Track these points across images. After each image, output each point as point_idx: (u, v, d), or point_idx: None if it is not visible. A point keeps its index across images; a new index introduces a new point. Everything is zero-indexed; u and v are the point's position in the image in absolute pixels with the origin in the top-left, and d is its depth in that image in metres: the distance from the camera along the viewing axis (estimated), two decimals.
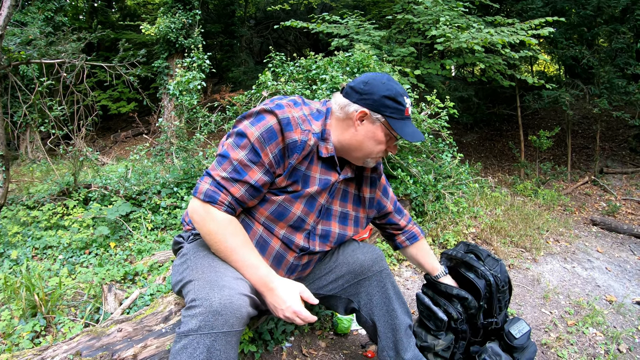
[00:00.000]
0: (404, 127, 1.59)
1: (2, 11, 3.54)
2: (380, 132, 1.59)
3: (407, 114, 1.60)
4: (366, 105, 1.56)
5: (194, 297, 1.35)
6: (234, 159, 1.48)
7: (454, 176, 4.41)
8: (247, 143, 1.48)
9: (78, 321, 2.41)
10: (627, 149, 9.89)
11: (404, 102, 1.58)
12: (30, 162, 9.19)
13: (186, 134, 5.10)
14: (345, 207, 1.79)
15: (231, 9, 14.65)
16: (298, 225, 1.62)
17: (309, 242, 1.67)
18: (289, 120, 1.49)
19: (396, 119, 1.58)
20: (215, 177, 1.48)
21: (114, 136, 12.77)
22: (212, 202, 1.46)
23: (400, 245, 2.08)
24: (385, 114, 1.56)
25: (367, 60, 4.39)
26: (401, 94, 1.58)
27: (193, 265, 1.55)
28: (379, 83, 1.58)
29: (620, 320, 3.04)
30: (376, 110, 1.56)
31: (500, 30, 5.95)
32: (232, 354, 1.34)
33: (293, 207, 1.58)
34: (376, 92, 1.56)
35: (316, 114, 1.63)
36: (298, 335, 2.42)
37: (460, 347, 2.08)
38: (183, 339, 1.30)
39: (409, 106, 1.62)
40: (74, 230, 3.70)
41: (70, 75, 5.78)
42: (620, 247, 4.87)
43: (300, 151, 1.52)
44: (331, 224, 1.74)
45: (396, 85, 1.59)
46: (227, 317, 1.31)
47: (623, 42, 8.91)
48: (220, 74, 13.96)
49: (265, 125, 1.48)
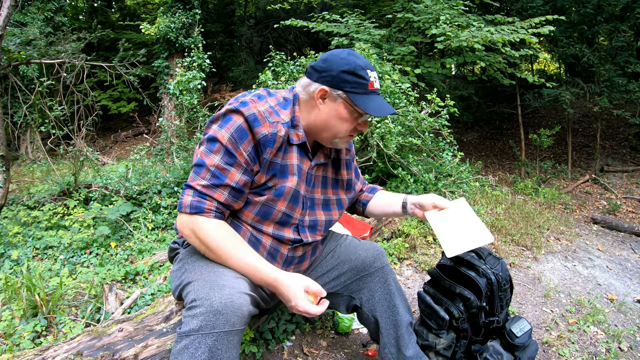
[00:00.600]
0: (368, 101, 1.52)
1: (2, 11, 3.54)
2: (343, 109, 1.54)
3: (371, 87, 1.53)
4: (325, 82, 1.52)
5: (194, 297, 1.34)
6: (211, 165, 1.46)
7: (455, 175, 4.41)
8: (219, 147, 1.46)
9: (79, 321, 2.41)
10: (628, 147, 9.89)
11: (366, 76, 1.51)
12: (31, 162, 9.18)
13: (186, 133, 5.10)
14: (326, 194, 1.77)
15: (231, 9, 14.64)
16: (285, 221, 1.61)
17: (299, 234, 1.66)
18: (256, 116, 1.47)
19: (358, 94, 1.52)
20: (196, 188, 1.46)
21: (114, 136, 12.77)
22: (200, 212, 1.44)
23: (365, 201, 2.03)
24: (346, 90, 1.51)
25: (367, 59, 4.38)
26: (362, 67, 1.51)
27: (191, 268, 1.54)
28: (337, 58, 1.52)
29: (621, 318, 3.04)
30: (336, 86, 1.51)
31: (501, 29, 5.94)
32: (234, 353, 1.33)
33: (277, 205, 1.56)
34: (334, 68, 1.51)
35: (283, 102, 1.60)
36: (299, 334, 2.42)
37: (461, 346, 2.08)
38: (184, 339, 1.29)
39: (374, 79, 1.55)
40: (74, 230, 3.70)
41: (70, 75, 5.78)
42: (621, 246, 4.87)
43: (272, 144, 1.50)
44: (316, 213, 1.72)
45: (357, 58, 1.53)
46: (229, 317, 1.30)
47: (623, 41, 8.90)
48: (220, 74, 13.96)
49: (233, 125, 1.46)
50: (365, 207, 2.02)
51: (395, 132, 3.95)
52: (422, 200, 1.83)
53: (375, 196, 2.01)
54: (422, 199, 1.84)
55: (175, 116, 5.32)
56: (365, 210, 2.03)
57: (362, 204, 2.03)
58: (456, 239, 1.80)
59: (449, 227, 1.81)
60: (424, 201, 1.83)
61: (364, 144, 4.53)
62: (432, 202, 1.82)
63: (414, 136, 4.27)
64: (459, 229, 1.81)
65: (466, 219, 1.83)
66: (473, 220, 1.83)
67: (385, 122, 3.94)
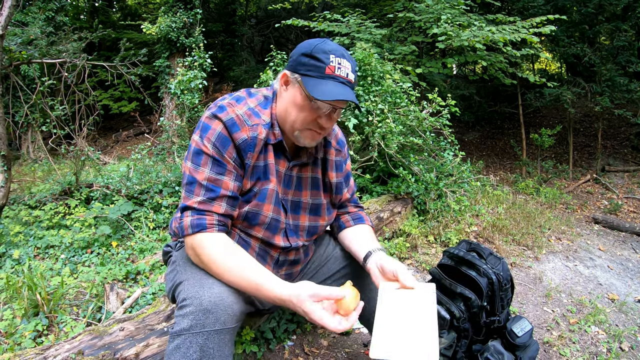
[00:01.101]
0: (319, 84, 1.37)
1: (3, 11, 3.54)
2: (299, 94, 1.42)
3: (329, 72, 1.38)
4: (288, 67, 1.45)
5: (185, 297, 1.33)
6: (202, 180, 1.41)
7: (456, 174, 4.41)
8: (206, 158, 1.41)
9: (80, 320, 2.41)
10: (629, 147, 9.88)
11: (324, 59, 1.37)
12: (32, 161, 9.19)
13: (187, 132, 5.11)
14: (318, 197, 1.68)
15: (232, 8, 14.65)
16: (275, 225, 1.54)
17: (288, 239, 1.60)
18: (234, 121, 1.42)
19: (312, 77, 1.38)
20: (193, 206, 1.40)
21: (116, 135, 12.78)
22: (203, 229, 1.38)
23: (343, 225, 1.80)
24: (301, 72, 1.40)
25: (368, 58, 4.38)
26: (325, 51, 1.38)
27: (182, 269, 1.51)
28: (305, 43, 1.43)
29: (622, 318, 3.04)
30: (294, 69, 1.42)
31: (502, 28, 5.94)
32: (226, 352, 1.32)
33: (263, 210, 1.50)
34: (297, 52, 1.43)
35: (264, 102, 1.52)
36: (300, 333, 2.42)
37: (462, 346, 2.08)
38: (176, 339, 1.28)
39: (338, 66, 1.39)
40: (75, 230, 3.70)
41: (71, 74, 5.78)
42: (622, 246, 4.86)
43: (252, 148, 1.45)
44: (300, 217, 1.65)
45: (324, 44, 1.40)
46: (218, 315, 1.28)
47: (625, 40, 8.89)
48: (221, 73, 13.96)
49: (214, 133, 1.41)
50: (340, 232, 1.81)
51: (397, 131, 3.95)
52: (386, 265, 1.47)
53: (355, 227, 1.78)
54: (386, 263, 1.48)
55: (176, 116, 5.33)
56: (339, 234, 1.82)
57: (339, 226, 1.82)
58: (392, 339, 1.28)
59: (394, 316, 1.33)
60: (387, 266, 1.47)
61: (365, 144, 4.53)
62: (394, 271, 1.44)
63: (415, 136, 4.27)
64: (406, 325, 1.31)
65: (422, 316, 1.33)
66: (429, 322, 1.31)
67: (386, 121, 3.94)
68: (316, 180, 1.67)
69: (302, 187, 1.64)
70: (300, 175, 1.63)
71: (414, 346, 1.25)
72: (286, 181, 1.59)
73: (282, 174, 1.56)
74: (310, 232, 1.68)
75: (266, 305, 1.67)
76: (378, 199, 4.01)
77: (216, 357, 1.29)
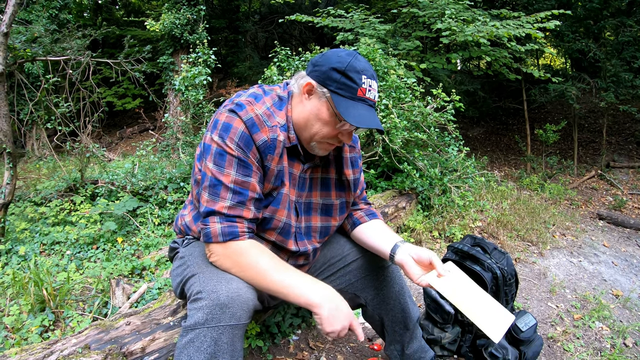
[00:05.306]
0: (351, 107, 1.36)
1: (7, 9, 3.55)
2: (325, 109, 1.41)
3: (360, 94, 1.37)
4: (314, 77, 1.41)
5: (200, 289, 1.32)
6: (229, 182, 1.36)
7: (460, 170, 4.40)
8: (230, 159, 1.36)
9: (86, 315, 2.43)
10: (634, 143, 9.82)
11: (357, 79, 1.36)
12: (37, 159, 9.23)
13: (192, 129, 5.12)
14: (328, 197, 1.66)
15: (235, 4, 14.63)
16: (287, 230, 1.53)
17: (297, 244, 1.59)
18: (254, 121, 1.38)
19: (343, 97, 1.37)
20: (221, 212, 1.36)
21: (120, 132, 12.80)
22: (235, 238, 1.35)
23: (358, 221, 1.79)
24: (331, 89, 1.38)
25: (372, 54, 4.38)
26: (357, 70, 1.36)
27: (193, 263, 1.49)
28: (335, 55, 1.39)
29: (626, 314, 3.04)
30: (322, 83, 1.39)
31: (506, 24, 5.91)
32: (238, 346, 1.32)
33: (277, 215, 1.48)
34: (326, 64, 1.38)
35: (278, 102, 1.49)
36: (305, 328, 2.43)
37: (466, 340, 2.08)
38: (190, 332, 1.28)
39: (369, 88, 1.39)
40: (81, 226, 3.73)
41: (75, 72, 5.80)
42: (626, 242, 4.85)
43: (273, 151, 1.42)
44: (312, 218, 1.64)
45: (356, 61, 1.38)
46: (235, 310, 1.28)
47: (630, 35, 8.82)
48: (225, 69, 13.95)
49: (236, 132, 1.37)
50: (355, 228, 1.80)
51: (401, 127, 3.94)
52: (422, 254, 1.54)
53: (370, 222, 1.78)
54: (420, 252, 1.55)
55: (180, 112, 5.34)
56: (353, 231, 1.81)
57: (353, 222, 1.81)
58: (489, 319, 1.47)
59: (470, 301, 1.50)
60: (423, 255, 1.54)
61: (369, 139, 4.53)
62: (430, 258, 1.53)
63: (419, 131, 4.27)
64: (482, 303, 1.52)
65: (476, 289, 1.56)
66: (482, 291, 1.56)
67: (390, 116, 3.94)
68: (326, 180, 1.66)
69: (312, 188, 1.64)
70: (311, 177, 1.63)
71: (499, 313, 1.50)
72: (300, 184, 1.58)
73: (297, 176, 1.55)
74: (322, 233, 1.68)
75: (271, 303, 1.68)
76: (382, 195, 4.01)
77: (229, 352, 1.29)
